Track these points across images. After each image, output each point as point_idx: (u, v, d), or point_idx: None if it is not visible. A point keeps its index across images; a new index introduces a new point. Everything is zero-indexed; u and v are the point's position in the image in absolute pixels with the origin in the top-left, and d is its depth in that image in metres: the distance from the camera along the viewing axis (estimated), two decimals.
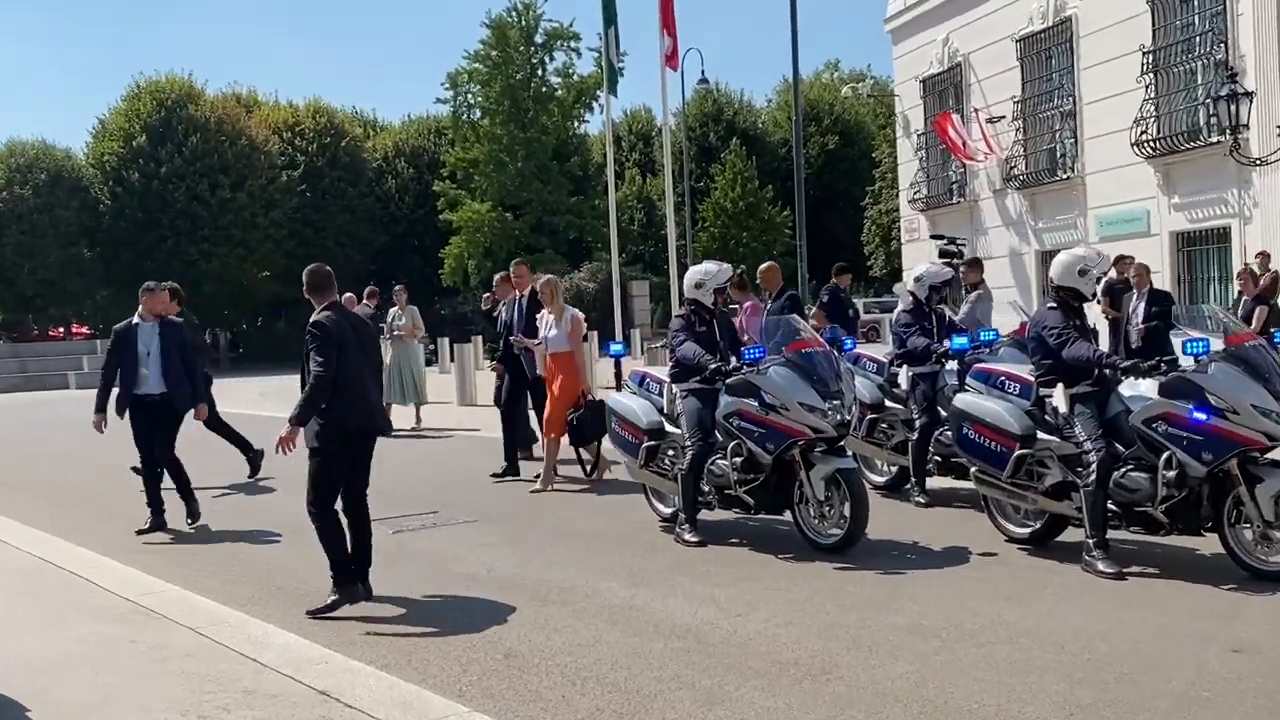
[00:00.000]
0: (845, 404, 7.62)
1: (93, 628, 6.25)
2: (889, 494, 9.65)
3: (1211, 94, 17.94)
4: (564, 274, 44.99)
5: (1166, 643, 5.39)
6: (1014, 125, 23.08)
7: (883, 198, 46.40)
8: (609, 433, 9.26)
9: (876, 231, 48.33)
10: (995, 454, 7.40)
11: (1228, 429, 6.39)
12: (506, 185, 48.43)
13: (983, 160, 23.82)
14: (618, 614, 6.30)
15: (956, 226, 25.51)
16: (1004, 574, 6.89)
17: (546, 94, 49.48)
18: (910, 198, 27.00)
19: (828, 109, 55.76)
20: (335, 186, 51.46)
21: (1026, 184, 22.96)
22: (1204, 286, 19.49)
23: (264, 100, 57.36)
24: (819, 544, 7.56)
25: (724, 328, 8.46)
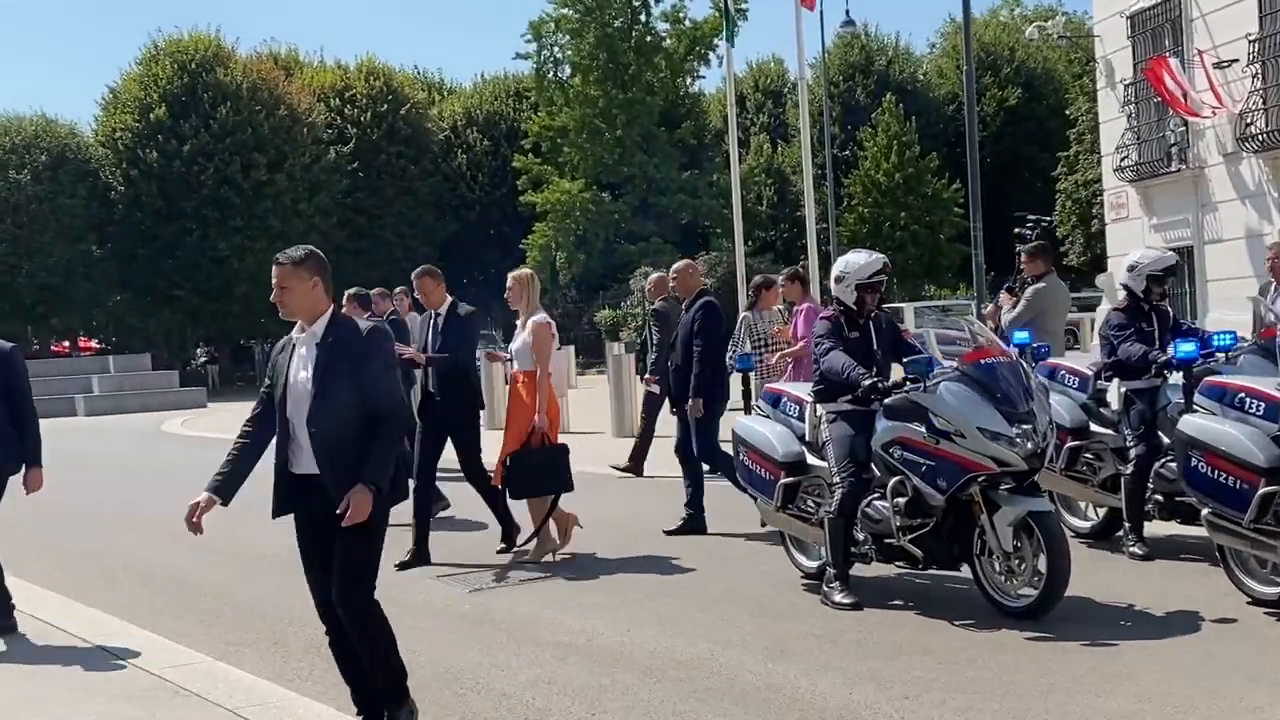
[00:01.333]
0: (1038, 429, 7.51)
1: (111, 709, 6.45)
2: (1096, 543, 9.48)
3: None
4: None
5: None
6: (1249, 71, 22.49)
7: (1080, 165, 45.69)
8: (736, 467, 9.25)
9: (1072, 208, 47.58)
10: (1234, 492, 7.23)
11: None
12: (602, 158, 48.90)
13: (1210, 116, 23.25)
14: (751, 695, 6.30)
15: (1176, 201, 24.97)
16: (1247, 646, 6.72)
17: (652, 44, 49.86)
18: (1116, 165, 26.46)
19: (1007, 55, 55.19)
20: (393, 164, 52.50)
21: (1267, 145, 22.34)
22: None
23: (307, 60, 58.94)
24: (1006, 607, 7.46)
25: (883, 334, 8.41)
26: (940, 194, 50.01)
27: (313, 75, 55.56)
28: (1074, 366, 10.01)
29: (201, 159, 48.36)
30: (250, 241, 48.12)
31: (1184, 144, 24.57)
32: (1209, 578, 7.95)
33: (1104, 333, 9.37)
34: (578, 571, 9.54)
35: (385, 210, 51.95)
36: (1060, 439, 9.02)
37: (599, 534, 11.11)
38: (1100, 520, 9.67)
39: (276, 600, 9.07)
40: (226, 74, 49.98)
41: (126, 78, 51.62)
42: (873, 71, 55.45)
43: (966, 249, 23.63)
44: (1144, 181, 25.79)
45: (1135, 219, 26.30)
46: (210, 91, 49.24)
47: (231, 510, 5.79)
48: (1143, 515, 8.94)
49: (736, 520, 10.79)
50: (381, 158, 52.35)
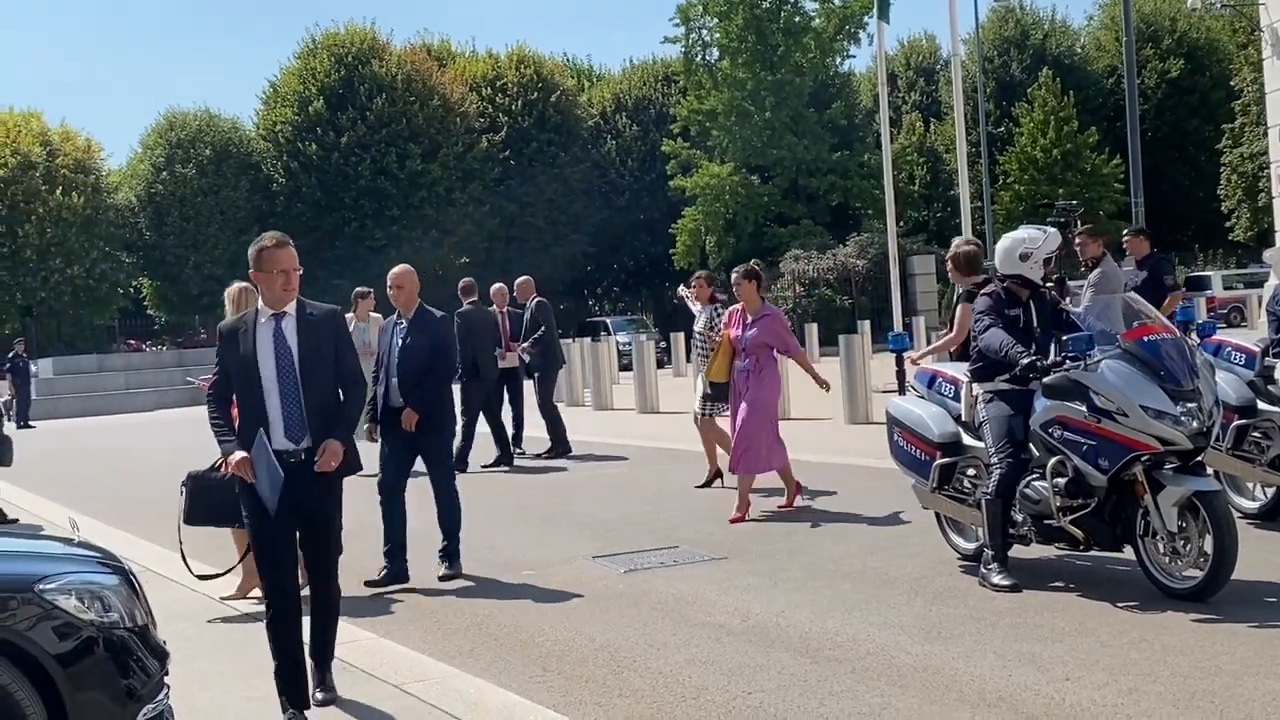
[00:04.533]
0: (1203, 407, 7.34)
1: None
2: (1264, 524, 9.24)
3: None
4: (826, 249, 44.96)
5: None
6: None
7: (1245, 138, 44.37)
8: (890, 448, 9.19)
9: (1238, 182, 46.27)
10: None
11: None
12: (752, 141, 48.73)
13: None
14: (909, 675, 6.27)
15: None
16: None
17: (800, 25, 49.48)
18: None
19: (1168, 26, 53.74)
20: (544, 151, 53.04)
21: None
22: None
23: (459, 51, 59.83)
24: (1171, 589, 7.32)
25: (1044, 312, 8.27)
26: (1100, 169, 48.87)
27: (465, 65, 56.36)
28: (1241, 343, 9.75)
29: (358, 150, 49.40)
30: (407, 231, 49.10)
31: None
32: None
33: (1272, 308, 9.11)
34: (731, 553, 9.56)
35: (537, 197, 52.51)
36: (1226, 417, 8.80)
37: (751, 515, 11.13)
38: (1269, 500, 9.41)
39: (428, 580, 9.25)
40: (382, 66, 50.97)
41: (285, 72, 52.94)
42: (1028, 45, 54.42)
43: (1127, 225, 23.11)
44: None
45: None
46: (366, 84, 50.26)
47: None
48: None
49: (890, 502, 10.73)
50: (532, 145, 52.92)
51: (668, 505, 11.95)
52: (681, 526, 10.80)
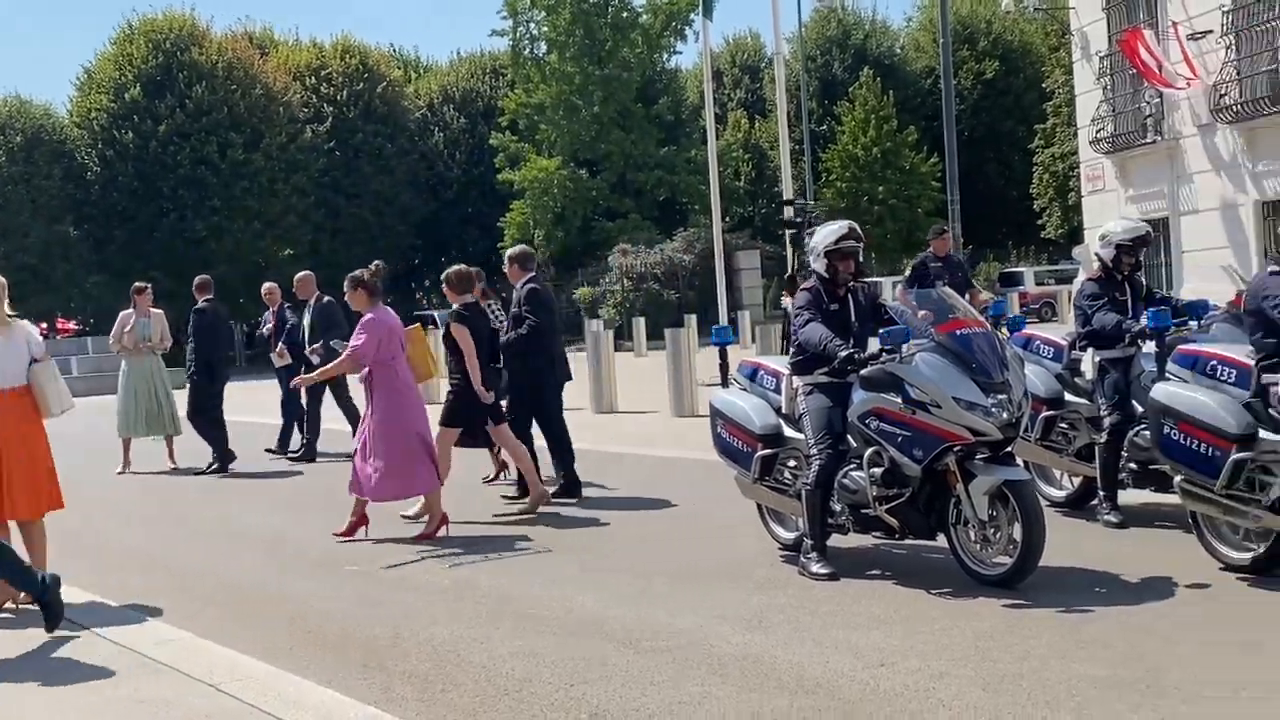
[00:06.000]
0: (1013, 399, 7.56)
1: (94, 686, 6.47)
2: (1071, 512, 9.55)
3: None
4: (654, 243, 45.25)
5: None
6: (1223, 42, 22.54)
7: (1057, 138, 45.84)
8: (713, 440, 9.28)
9: (1050, 181, 47.79)
10: (1206, 459, 7.30)
11: None
12: (579, 135, 48.83)
13: (1184, 88, 23.31)
14: (729, 664, 6.34)
15: (1151, 172, 25.04)
16: (1219, 611, 6.79)
17: (628, 20, 49.76)
18: (1092, 137, 26.53)
19: (984, 28, 55.24)
20: (370, 143, 52.33)
21: (1241, 117, 22.40)
22: None
23: (282, 39, 58.60)
24: (982, 575, 7.52)
25: (862, 306, 8.43)
26: (918, 168, 50.07)
27: (288, 54, 55.28)
28: (1049, 337, 10.06)
29: (177, 139, 48.08)
30: (228, 222, 47.92)
31: (1159, 116, 24.63)
32: (1183, 545, 8.01)
33: (1078, 303, 9.42)
34: (557, 547, 9.56)
35: (363, 189, 51.77)
36: (1035, 408, 9.05)
37: (576, 510, 11.15)
38: (1075, 489, 9.74)
39: (255, 577, 9.08)
40: (201, 53, 49.67)
41: (101, 58, 51.26)
42: (849, 46, 55.45)
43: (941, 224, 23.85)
44: (1120, 153, 25.86)
45: (1111, 190, 26.38)
46: (185, 71, 48.93)
47: (202, 489, 5.79)
48: (1117, 483, 9.01)
49: (713, 494, 10.84)
50: (358, 136, 52.15)
51: (493, 501, 11.88)
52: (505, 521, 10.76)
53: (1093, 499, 9.27)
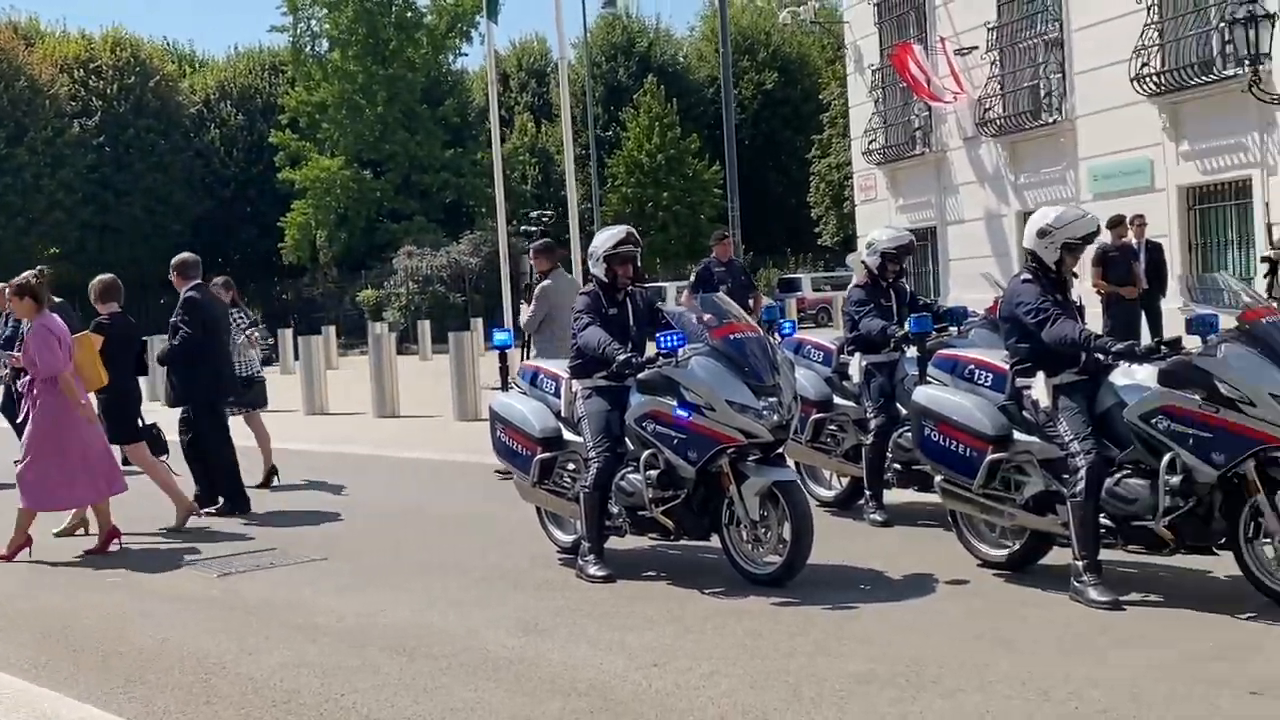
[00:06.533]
0: (783, 402, 7.72)
1: None
2: (839, 511, 9.79)
3: (1226, 17, 18.44)
4: (440, 246, 44.89)
5: (1172, 685, 5.56)
6: (988, 58, 23.49)
7: (833, 149, 46.99)
8: (493, 444, 9.26)
9: (826, 190, 48.94)
10: (964, 459, 7.55)
11: (1244, 424, 6.59)
12: (363, 135, 48.17)
13: (951, 102, 24.22)
14: (503, 669, 6.32)
15: (920, 183, 25.94)
16: (976, 606, 7.04)
17: (412, 20, 49.30)
18: (864, 148, 27.38)
19: (764, 40, 56.29)
20: (142, 139, 50.66)
21: (1004, 130, 23.41)
22: (1220, 251, 20.06)
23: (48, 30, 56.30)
24: (753, 575, 7.65)
25: (640, 310, 8.52)
26: (701, 175, 50.78)
27: (54, 45, 53.14)
28: (819, 341, 10.31)
29: None
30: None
31: (927, 128, 25.55)
32: (943, 542, 8.28)
33: (846, 309, 9.70)
34: (332, 554, 9.40)
35: (134, 187, 50.03)
36: (805, 411, 9.27)
37: (354, 515, 11.00)
38: (843, 489, 10.00)
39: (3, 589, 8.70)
40: None
41: None
42: (634, 53, 55.91)
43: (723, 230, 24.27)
44: (890, 164, 26.73)
45: (883, 200, 27.24)
46: None
47: None
48: (882, 483, 9.28)
49: (493, 498, 10.80)
50: (129, 132, 50.40)
51: (269, 505, 11.63)
52: (280, 528, 10.53)
53: (860, 498, 9.53)
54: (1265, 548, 6.69)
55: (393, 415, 18.98)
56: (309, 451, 15.20)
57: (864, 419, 9.38)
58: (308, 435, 17.07)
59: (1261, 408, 6.55)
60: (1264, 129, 18.59)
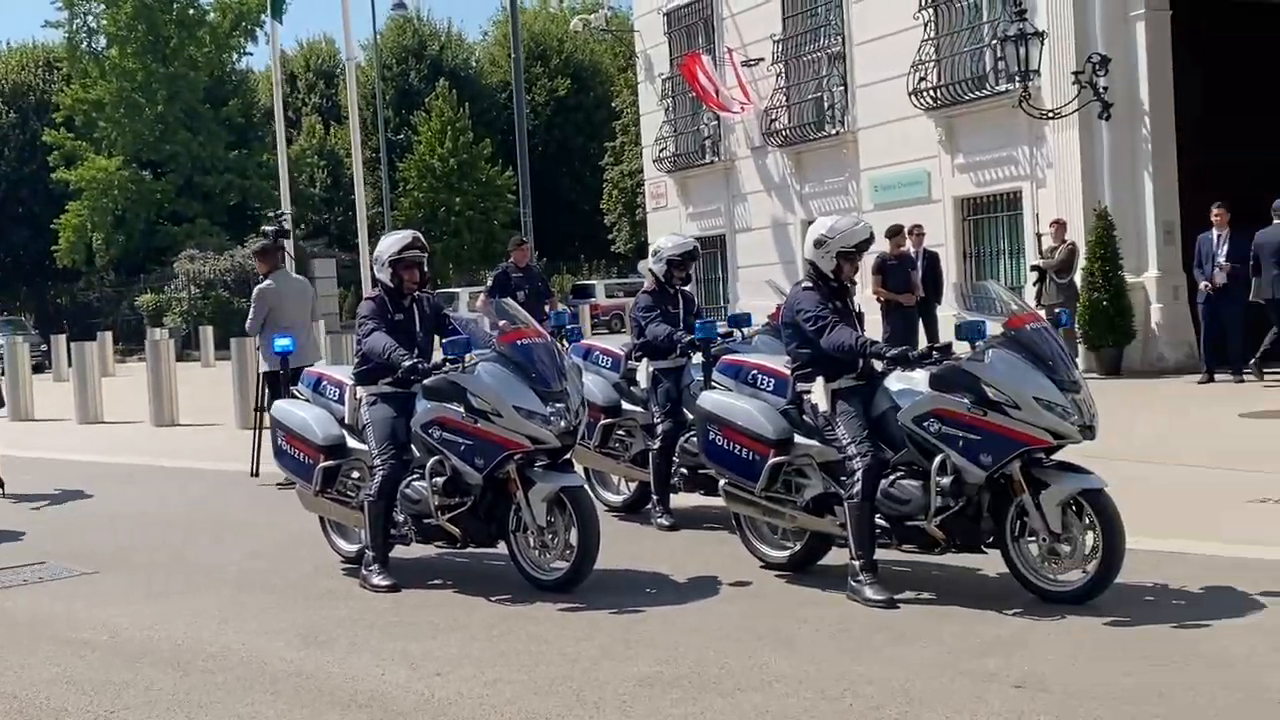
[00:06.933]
0: (571, 407, 7.73)
1: None
2: (627, 516, 9.87)
3: (998, 35, 19.16)
4: (224, 249, 43.78)
5: (941, 680, 5.74)
6: (774, 70, 23.96)
7: (626, 156, 47.35)
8: (274, 452, 9.06)
9: (619, 197, 49.30)
10: (747, 463, 7.68)
11: (1007, 426, 6.85)
12: (143, 135, 46.73)
13: (738, 112, 24.62)
14: (282, 682, 6.19)
15: (710, 191, 26.31)
16: (758, 607, 7.17)
17: (194, 18, 48.05)
18: (655, 156, 27.62)
19: (556, 46, 56.41)
20: None
21: (790, 140, 23.89)
22: (993, 260, 20.81)
23: None
24: (540, 581, 7.65)
25: (426, 315, 8.44)
26: (494, 180, 50.66)
27: None
28: (608, 347, 10.36)
29: None
30: None
31: (716, 137, 25.91)
32: (728, 545, 8.41)
33: (633, 315, 9.78)
34: (102, 566, 9.07)
35: None
36: (593, 416, 9.33)
37: (128, 527, 10.67)
38: (631, 493, 10.07)
39: None
40: None
41: None
42: (426, 56, 55.48)
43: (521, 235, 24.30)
44: (681, 172, 27.04)
45: (674, 208, 27.53)
46: None
47: None
48: (669, 488, 9.38)
49: (276, 507, 10.58)
50: None
51: (36, 517, 11.18)
52: (47, 540, 10.12)
53: (647, 503, 9.61)
54: (1030, 546, 6.97)
55: (171, 424, 18.44)
56: (79, 461, 14.68)
57: (651, 424, 9.47)
58: (79, 445, 16.48)
59: (1026, 411, 6.83)
60: (1034, 143, 19.35)
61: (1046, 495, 6.82)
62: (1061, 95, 18.06)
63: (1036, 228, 18.92)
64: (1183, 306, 17.27)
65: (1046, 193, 19.07)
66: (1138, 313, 17.48)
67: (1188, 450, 11.38)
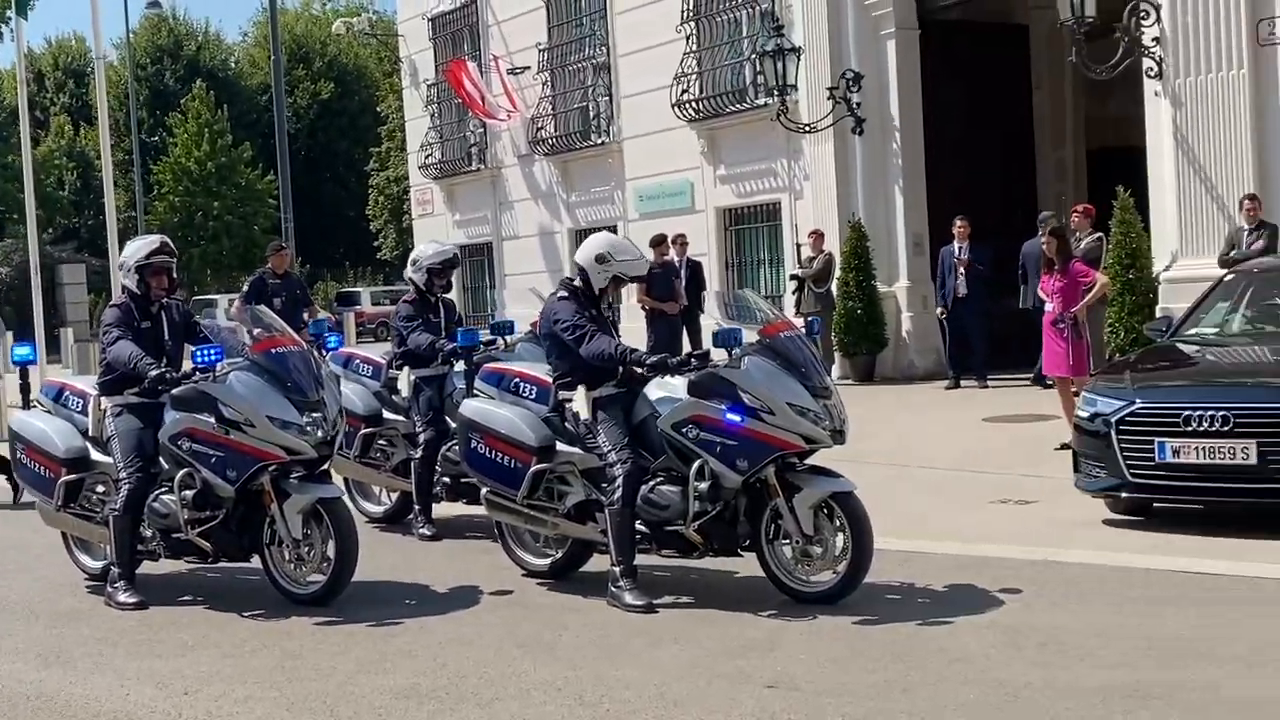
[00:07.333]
0: (328, 417, 7.59)
1: None
2: (389, 527, 9.78)
3: (757, 49, 19.58)
4: None
5: (697, 683, 5.83)
6: (540, 78, 24.01)
7: (391, 162, 46.79)
8: (14, 466, 8.67)
9: (385, 204, 48.68)
10: (509, 471, 7.66)
11: (764, 432, 7.01)
12: None
13: (505, 119, 24.59)
14: (21, 704, 5.93)
15: (477, 198, 26.21)
16: (519, 615, 7.17)
17: None
18: (421, 163, 27.38)
19: (319, 49, 55.44)
20: None
21: (557, 149, 23.96)
22: (754, 270, 21.26)
23: None
24: (296, 595, 7.50)
25: (175, 323, 8.18)
26: (254, 185, 49.43)
27: None
28: (368, 355, 10.26)
29: None
30: None
31: (483, 145, 25.82)
32: (491, 554, 8.39)
33: (394, 323, 9.71)
34: None
35: None
36: (353, 425, 9.22)
37: None
38: (394, 504, 9.97)
39: None
40: None
41: None
42: (182, 56, 53.82)
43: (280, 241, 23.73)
44: (447, 179, 26.87)
45: (440, 215, 27.34)
46: None
47: None
48: (431, 497, 9.32)
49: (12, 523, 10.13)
50: None
51: None
52: None
53: (409, 513, 9.52)
54: (784, 548, 7.14)
55: None
56: None
57: (413, 433, 9.40)
58: None
59: (780, 416, 6.99)
60: (791, 156, 19.81)
61: (800, 498, 7.01)
62: (817, 110, 18.54)
63: (795, 238, 19.38)
64: (931, 315, 17.91)
65: (804, 204, 19.54)
66: (890, 321, 18.07)
67: (934, 453, 11.83)
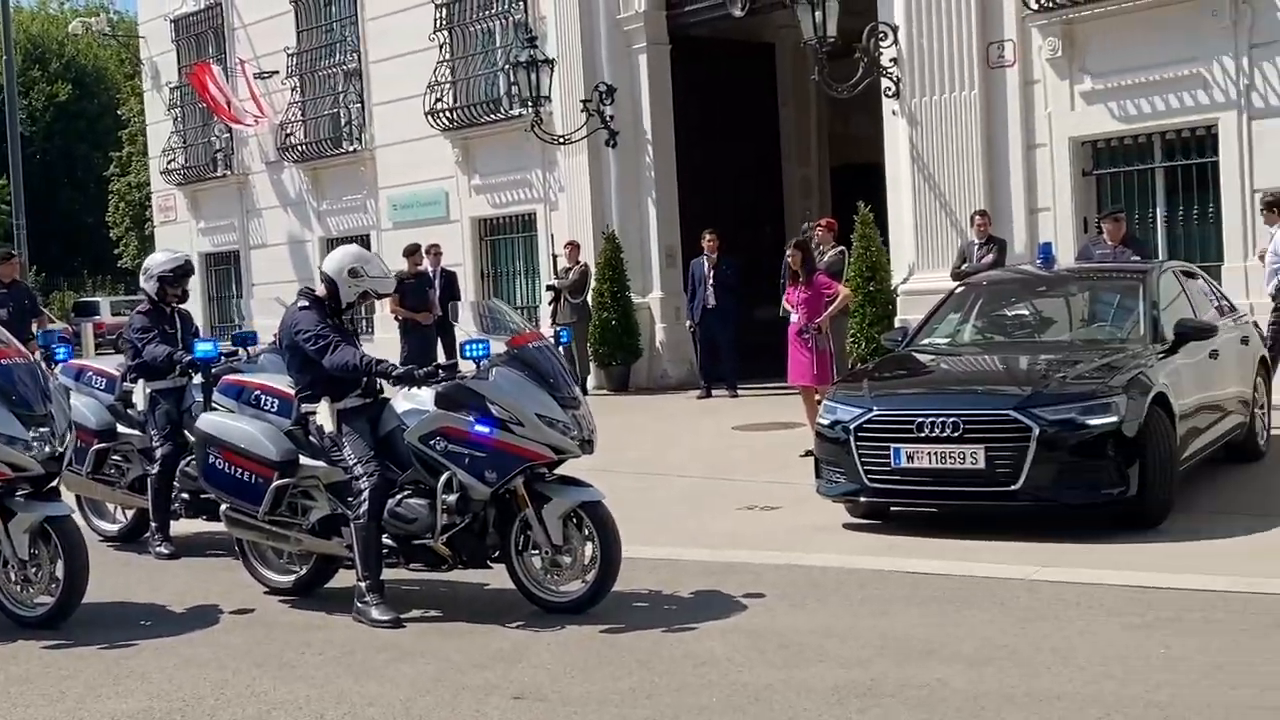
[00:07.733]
0: (56, 431, 7.29)
1: None
2: (124, 545, 9.47)
3: (510, 60, 19.61)
4: None
5: (443, 696, 5.79)
6: (289, 83, 23.55)
7: (133, 167, 45.17)
8: None
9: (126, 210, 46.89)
10: (249, 486, 7.48)
11: (512, 443, 7.01)
12: None
13: (252, 125, 24.04)
14: None
15: (223, 205, 25.55)
16: (260, 634, 7.00)
17: None
18: (163, 168, 26.54)
19: (56, 50, 53.17)
20: None
21: (307, 156, 23.53)
22: (510, 280, 21.27)
23: None
24: (23, 619, 7.22)
25: None
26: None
27: None
28: (101, 368, 9.88)
29: None
30: None
31: (229, 150, 25.18)
32: (232, 572, 8.17)
33: (128, 335, 9.38)
34: None
35: None
36: (86, 441, 8.89)
37: None
38: (129, 521, 9.65)
39: None
40: None
41: None
42: None
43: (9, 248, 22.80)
44: (191, 185, 26.12)
45: (184, 222, 26.57)
46: None
47: None
48: (169, 514, 9.04)
49: None
50: None
51: None
52: None
53: (146, 531, 9.22)
54: (534, 559, 7.16)
55: None
56: None
57: (149, 448, 9.10)
58: None
59: (529, 427, 7.01)
60: (546, 167, 19.90)
61: (549, 509, 7.03)
62: (572, 122, 18.68)
63: (551, 249, 19.47)
64: (683, 326, 18.21)
65: (559, 215, 19.65)
66: (644, 332, 18.31)
67: (685, 462, 12.02)
